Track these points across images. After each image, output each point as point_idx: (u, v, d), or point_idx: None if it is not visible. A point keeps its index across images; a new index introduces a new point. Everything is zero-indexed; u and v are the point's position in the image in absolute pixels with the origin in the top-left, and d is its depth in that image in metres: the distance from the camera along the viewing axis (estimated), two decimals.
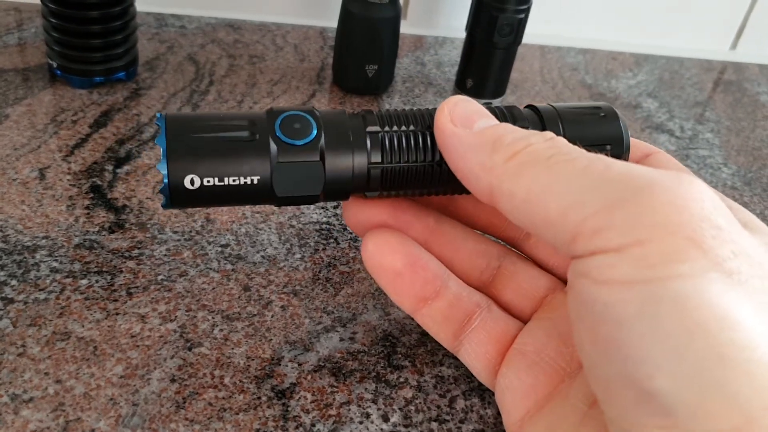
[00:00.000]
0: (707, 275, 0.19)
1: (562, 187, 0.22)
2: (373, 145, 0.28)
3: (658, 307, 0.19)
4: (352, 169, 0.28)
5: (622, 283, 0.20)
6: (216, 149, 0.26)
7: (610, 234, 0.21)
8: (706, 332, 0.19)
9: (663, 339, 0.19)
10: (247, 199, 0.28)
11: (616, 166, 0.22)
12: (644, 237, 0.20)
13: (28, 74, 0.50)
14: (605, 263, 0.21)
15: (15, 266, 0.35)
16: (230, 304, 0.35)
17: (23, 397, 0.29)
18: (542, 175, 0.23)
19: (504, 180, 0.24)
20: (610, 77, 0.64)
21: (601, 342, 0.21)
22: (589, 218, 0.21)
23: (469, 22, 0.54)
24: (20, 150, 0.43)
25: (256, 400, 0.31)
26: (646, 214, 0.20)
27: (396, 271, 0.30)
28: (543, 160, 0.23)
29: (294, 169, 0.27)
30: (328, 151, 0.27)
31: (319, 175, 0.27)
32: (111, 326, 0.33)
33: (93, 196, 0.40)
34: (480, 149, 0.25)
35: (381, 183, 0.29)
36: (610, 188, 0.21)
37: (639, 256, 0.20)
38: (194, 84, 0.52)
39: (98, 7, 0.46)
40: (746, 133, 0.59)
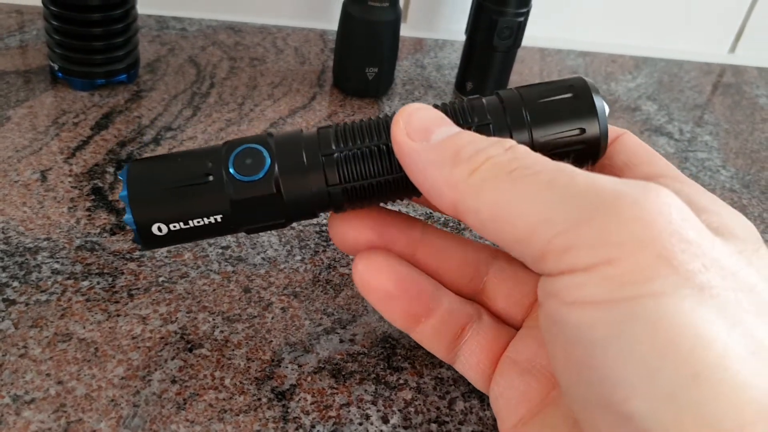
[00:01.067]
0: (678, 292, 0.19)
1: (527, 204, 0.22)
2: (328, 167, 0.27)
3: (630, 328, 0.19)
4: (311, 193, 0.28)
5: (591, 303, 0.20)
6: (175, 197, 0.28)
7: (579, 253, 0.20)
8: (678, 352, 0.18)
9: (636, 361, 0.19)
10: (218, 233, 0.29)
11: (580, 178, 0.22)
12: (613, 255, 0.20)
13: (29, 76, 0.50)
14: (574, 283, 0.20)
15: (17, 268, 0.35)
16: (231, 305, 0.35)
17: (25, 398, 0.29)
18: (506, 192, 0.22)
19: (467, 197, 0.23)
20: (610, 80, 0.64)
21: (574, 364, 0.21)
22: (557, 236, 0.21)
23: (469, 25, 0.54)
24: (22, 152, 0.43)
25: (257, 401, 0.31)
26: (613, 230, 0.20)
27: (388, 293, 0.29)
28: (505, 175, 0.23)
29: (251, 203, 0.27)
30: (283, 181, 0.27)
31: (278, 206, 0.28)
32: (112, 328, 0.33)
33: (94, 198, 0.40)
34: (440, 164, 0.24)
35: (346, 201, 0.28)
36: (575, 204, 0.21)
37: (608, 276, 0.20)
38: (195, 86, 0.52)
39: (100, 10, 0.47)
40: (745, 136, 0.59)
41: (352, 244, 0.30)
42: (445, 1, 0.65)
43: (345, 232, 0.30)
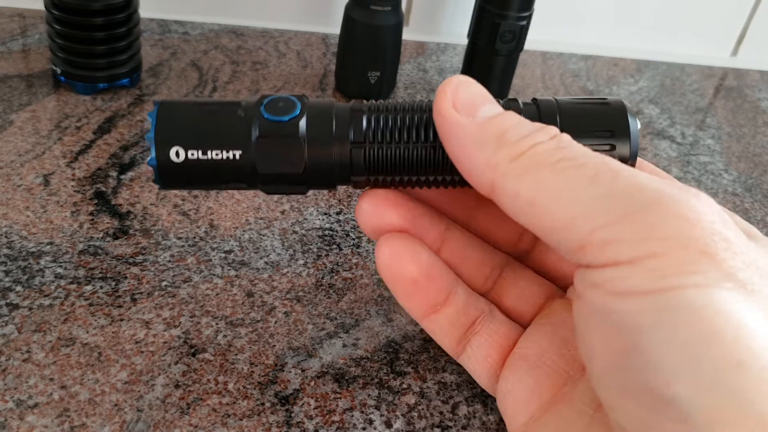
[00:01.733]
0: (721, 285, 0.20)
1: (570, 195, 0.22)
2: (355, 124, 0.27)
3: (675, 315, 0.20)
4: (332, 150, 0.27)
5: (636, 293, 0.20)
6: (201, 124, 0.27)
7: (622, 246, 0.21)
8: (722, 340, 0.19)
9: (681, 347, 0.19)
10: (232, 178, 0.28)
11: (625, 175, 0.22)
12: (657, 250, 0.20)
13: (32, 80, 0.50)
14: (618, 275, 0.21)
15: (20, 272, 0.35)
16: (234, 310, 0.35)
17: (28, 402, 0.29)
18: (549, 181, 0.23)
19: (508, 180, 0.23)
20: (612, 83, 0.64)
21: (616, 350, 0.21)
22: (598, 230, 0.21)
23: (471, 28, 0.54)
24: (24, 156, 0.43)
25: (260, 406, 0.31)
26: (658, 227, 0.20)
27: (412, 280, 0.29)
28: (549, 164, 0.23)
29: (274, 144, 0.27)
30: (309, 129, 0.27)
31: (299, 153, 0.27)
32: (115, 332, 0.33)
33: (97, 202, 0.40)
34: (484, 143, 0.24)
35: (365, 165, 0.28)
36: (619, 201, 0.21)
37: (653, 268, 0.20)
38: (197, 90, 0.52)
39: (102, 14, 0.47)
40: (747, 140, 0.59)
41: (381, 226, 0.30)
42: (447, 4, 0.65)
43: (378, 212, 0.29)
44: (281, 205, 0.42)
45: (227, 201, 0.42)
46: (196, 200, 0.41)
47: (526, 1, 0.51)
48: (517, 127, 0.24)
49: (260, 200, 0.42)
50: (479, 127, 0.25)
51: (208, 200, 0.42)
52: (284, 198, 0.43)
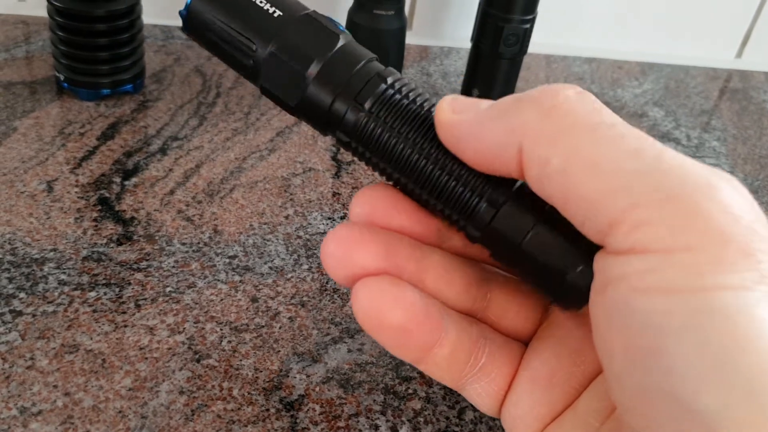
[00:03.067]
0: (757, 288, 0.18)
1: (610, 166, 0.20)
2: (370, 87, 0.25)
3: (708, 319, 0.18)
4: (332, 101, 0.25)
5: (666, 290, 0.19)
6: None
7: (656, 232, 0.19)
8: (758, 348, 0.18)
9: (712, 353, 0.18)
10: (241, 65, 0.26)
11: (669, 155, 0.20)
12: (695, 243, 0.19)
13: (35, 87, 0.50)
14: (647, 267, 0.19)
15: (23, 279, 0.35)
16: (238, 315, 0.35)
17: (32, 410, 0.29)
18: (587, 148, 0.20)
19: (538, 143, 0.21)
20: (616, 86, 0.64)
21: (638, 351, 0.20)
22: (633, 208, 0.19)
23: (474, 32, 0.54)
24: (28, 162, 0.43)
25: (265, 412, 0.31)
26: (700, 218, 0.19)
27: (400, 328, 0.26)
28: (588, 129, 0.21)
29: (281, 67, 0.25)
30: (322, 70, 0.25)
31: (298, 88, 0.25)
32: (119, 338, 0.33)
33: (101, 208, 0.40)
34: (501, 116, 0.22)
35: (355, 132, 0.25)
36: (663, 180, 0.20)
37: (687, 263, 0.19)
38: (201, 96, 0.52)
39: (105, 20, 0.47)
40: (753, 141, 0.59)
41: (354, 272, 0.26)
42: (451, 8, 0.65)
43: (348, 256, 0.26)
44: (285, 209, 0.42)
45: (231, 206, 0.42)
46: (200, 206, 0.41)
47: (530, 5, 0.51)
48: (533, 90, 0.22)
49: (264, 205, 0.42)
50: (489, 108, 0.23)
51: (212, 206, 0.41)
52: (288, 203, 0.43)
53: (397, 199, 0.28)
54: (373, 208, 0.27)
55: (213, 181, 0.44)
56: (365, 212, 0.27)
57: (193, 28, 0.27)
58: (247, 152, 0.47)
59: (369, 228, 0.27)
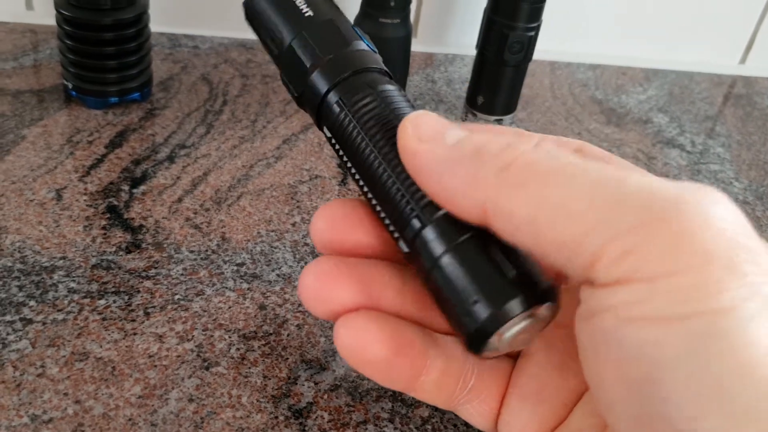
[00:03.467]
0: (748, 306, 0.18)
1: (575, 206, 0.20)
2: (354, 88, 0.26)
3: (703, 346, 0.18)
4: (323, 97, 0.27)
5: (655, 320, 0.18)
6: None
7: (639, 261, 0.19)
8: (755, 376, 0.17)
9: (708, 381, 0.18)
10: (271, 53, 0.29)
11: (633, 179, 0.20)
12: (678, 267, 0.18)
13: (43, 95, 0.50)
14: (634, 297, 0.19)
15: (33, 287, 0.35)
16: (246, 323, 0.35)
17: (43, 417, 0.30)
18: (548, 193, 0.20)
19: (501, 197, 0.21)
20: (620, 92, 0.64)
21: (631, 381, 0.19)
22: (614, 240, 0.19)
23: (479, 39, 0.54)
24: (37, 171, 0.43)
25: (274, 419, 0.31)
26: (678, 239, 0.18)
27: (383, 361, 0.25)
28: (544, 173, 0.20)
29: (294, 57, 0.28)
30: (321, 68, 0.27)
31: (303, 80, 0.27)
32: (129, 346, 0.33)
33: (109, 216, 0.41)
34: (462, 163, 0.22)
35: (332, 128, 0.26)
36: (632, 207, 0.19)
37: (674, 289, 0.18)
38: (208, 104, 0.52)
39: (113, 29, 0.47)
40: (757, 147, 0.59)
41: (333, 309, 0.26)
42: (456, 16, 0.65)
43: (327, 291, 0.25)
44: (292, 217, 0.42)
45: (239, 214, 0.42)
46: (208, 213, 0.42)
47: (535, 12, 0.51)
48: (496, 139, 0.22)
49: (271, 213, 0.42)
50: (452, 148, 0.22)
51: (219, 213, 0.42)
52: (295, 210, 0.43)
53: (358, 215, 0.27)
54: (334, 222, 0.27)
55: (220, 189, 0.44)
56: (327, 227, 0.27)
57: (248, 17, 0.31)
58: (254, 160, 0.47)
59: (344, 261, 0.26)
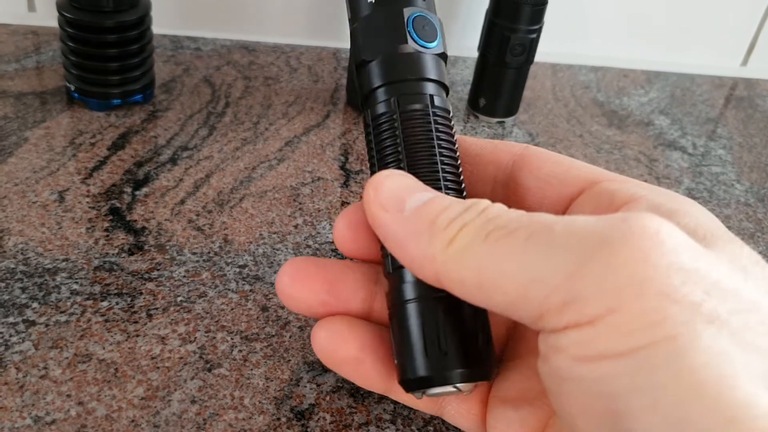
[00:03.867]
0: (690, 330, 0.18)
1: (512, 265, 0.21)
2: (412, 99, 0.27)
3: (652, 377, 0.18)
4: (379, 85, 0.27)
5: (604, 357, 0.19)
6: None
7: (579, 306, 0.19)
8: (707, 396, 0.18)
9: (664, 411, 0.18)
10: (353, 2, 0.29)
11: (559, 228, 0.21)
12: (614, 303, 0.19)
13: (46, 97, 0.50)
14: (582, 339, 0.19)
15: (36, 289, 0.35)
16: (249, 324, 0.35)
17: (46, 419, 0.30)
18: (486, 257, 0.21)
19: (449, 268, 0.22)
20: (622, 94, 0.64)
21: (595, 415, 0.20)
22: (551, 293, 0.20)
23: (481, 42, 0.55)
24: (39, 173, 0.43)
25: (276, 421, 0.31)
26: (608, 276, 0.19)
27: (354, 359, 0.27)
28: (482, 240, 0.22)
29: (380, 22, 0.28)
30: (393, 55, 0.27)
31: (374, 52, 0.28)
32: (131, 348, 0.33)
33: (112, 218, 0.41)
34: (417, 237, 0.23)
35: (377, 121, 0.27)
36: (561, 255, 0.20)
37: (614, 325, 0.19)
38: (210, 106, 0.52)
39: (115, 31, 0.47)
40: (759, 149, 0.59)
41: (306, 306, 0.28)
42: (457, 18, 0.65)
43: (296, 293, 0.28)
44: (294, 219, 0.42)
45: (241, 216, 0.42)
46: (210, 215, 0.42)
47: (536, 14, 0.51)
48: (446, 211, 0.23)
49: (273, 215, 0.43)
50: (408, 220, 0.23)
51: (222, 215, 0.42)
52: (297, 212, 0.43)
53: None
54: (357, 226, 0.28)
55: (223, 191, 0.44)
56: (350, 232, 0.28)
57: None
58: (256, 162, 0.47)
59: (316, 262, 0.28)
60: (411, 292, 0.25)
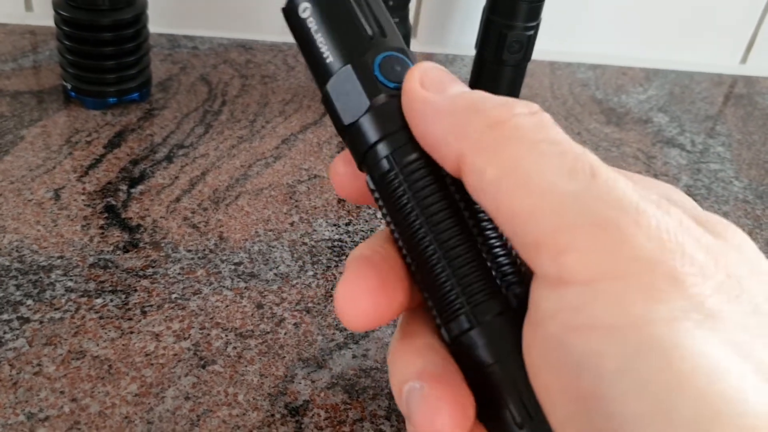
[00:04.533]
0: (689, 318, 0.18)
1: (541, 182, 0.20)
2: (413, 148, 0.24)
3: (643, 359, 0.18)
4: (375, 142, 0.24)
5: (597, 329, 0.18)
6: (338, 13, 0.25)
7: (582, 259, 0.19)
8: (695, 388, 0.17)
9: (651, 396, 0.18)
10: (316, 69, 0.26)
11: (603, 177, 0.20)
12: (621, 271, 0.18)
13: (42, 96, 0.50)
14: (577, 302, 0.19)
15: (31, 286, 0.35)
16: (243, 321, 0.35)
17: (39, 415, 0.30)
18: (524, 161, 0.20)
19: (477, 153, 0.21)
20: (621, 92, 0.64)
21: (580, 396, 0.19)
22: (560, 231, 0.19)
23: (478, 39, 0.54)
24: (35, 171, 0.43)
25: (270, 417, 0.31)
26: (626, 244, 0.18)
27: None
28: (527, 144, 0.20)
29: (352, 82, 0.25)
30: (381, 106, 0.24)
31: (356, 111, 0.24)
32: (125, 345, 0.33)
33: (107, 215, 0.41)
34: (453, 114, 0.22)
35: (383, 181, 0.24)
36: (592, 204, 0.19)
37: (614, 294, 0.18)
38: (207, 104, 0.52)
39: (111, 30, 0.47)
40: (758, 147, 0.59)
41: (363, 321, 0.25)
42: (455, 16, 0.65)
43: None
44: (290, 216, 0.42)
45: (236, 213, 0.42)
46: (205, 213, 0.42)
47: (533, 12, 0.51)
48: (493, 98, 0.22)
49: (269, 212, 0.42)
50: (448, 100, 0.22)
51: (217, 213, 0.42)
52: (293, 210, 0.43)
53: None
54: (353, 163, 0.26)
55: (218, 189, 0.44)
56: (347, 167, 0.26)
57: (291, 22, 0.26)
58: (252, 160, 0.47)
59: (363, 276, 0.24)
60: (489, 356, 0.22)
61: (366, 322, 0.23)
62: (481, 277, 0.22)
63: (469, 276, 0.22)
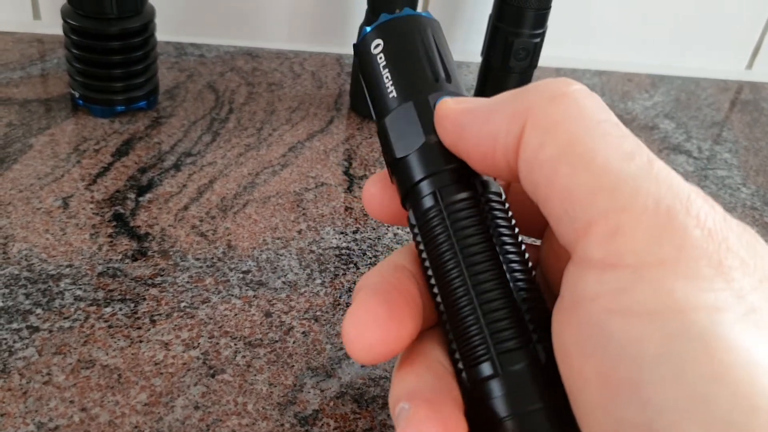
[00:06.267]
0: (732, 310, 0.18)
1: (602, 163, 0.20)
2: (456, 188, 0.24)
3: (684, 346, 0.17)
4: (419, 180, 0.25)
5: (640, 314, 0.18)
6: (409, 55, 0.26)
7: (631, 242, 0.19)
8: (734, 380, 0.17)
9: (688, 385, 0.17)
10: (378, 102, 0.27)
11: (659, 165, 0.20)
12: (668, 257, 0.18)
13: (50, 104, 0.51)
14: (620, 285, 0.18)
15: (40, 295, 0.35)
16: (252, 330, 0.35)
17: (49, 425, 0.30)
18: (583, 140, 0.20)
19: (539, 126, 0.21)
20: (627, 99, 0.64)
21: (615, 382, 0.19)
22: (613, 213, 0.19)
23: (484, 46, 0.54)
24: (44, 179, 0.43)
25: (279, 427, 0.31)
26: (676, 231, 0.18)
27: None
28: (590, 122, 0.20)
29: (411, 118, 0.25)
30: (430, 145, 0.25)
31: (409, 147, 0.25)
32: (135, 354, 0.33)
33: (116, 224, 0.41)
34: (510, 99, 0.22)
35: (423, 218, 0.24)
36: (648, 188, 0.19)
37: (659, 279, 0.18)
38: (214, 112, 0.52)
39: (119, 38, 0.47)
40: (765, 153, 0.59)
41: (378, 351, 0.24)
42: (461, 22, 0.65)
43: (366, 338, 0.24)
44: (298, 224, 0.42)
45: (244, 221, 0.42)
46: (213, 221, 0.42)
47: (540, 19, 0.51)
48: (551, 78, 0.22)
49: (277, 220, 0.42)
50: (495, 97, 0.22)
51: (225, 221, 0.42)
52: (301, 218, 0.43)
53: None
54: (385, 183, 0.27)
55: (226, 197, 0.44)
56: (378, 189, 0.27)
57: (362, 52, 0.27)
58: (259, 167, 0.47)
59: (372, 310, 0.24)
60: (508, 407, 0.22)
61: (374, 356, 0.23)
62: (513, 325, 0.22)
63: (500, 322, 0.22)
